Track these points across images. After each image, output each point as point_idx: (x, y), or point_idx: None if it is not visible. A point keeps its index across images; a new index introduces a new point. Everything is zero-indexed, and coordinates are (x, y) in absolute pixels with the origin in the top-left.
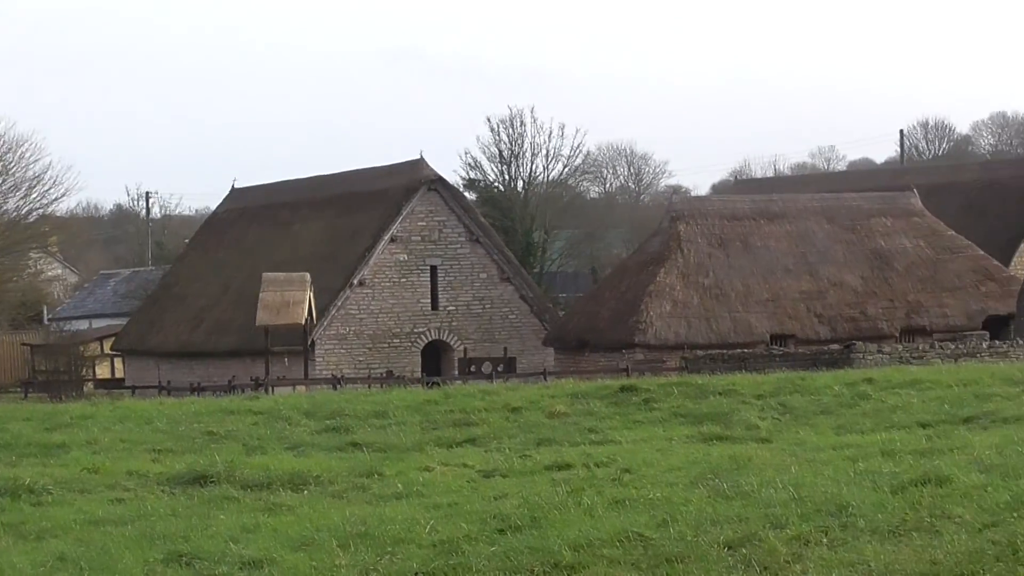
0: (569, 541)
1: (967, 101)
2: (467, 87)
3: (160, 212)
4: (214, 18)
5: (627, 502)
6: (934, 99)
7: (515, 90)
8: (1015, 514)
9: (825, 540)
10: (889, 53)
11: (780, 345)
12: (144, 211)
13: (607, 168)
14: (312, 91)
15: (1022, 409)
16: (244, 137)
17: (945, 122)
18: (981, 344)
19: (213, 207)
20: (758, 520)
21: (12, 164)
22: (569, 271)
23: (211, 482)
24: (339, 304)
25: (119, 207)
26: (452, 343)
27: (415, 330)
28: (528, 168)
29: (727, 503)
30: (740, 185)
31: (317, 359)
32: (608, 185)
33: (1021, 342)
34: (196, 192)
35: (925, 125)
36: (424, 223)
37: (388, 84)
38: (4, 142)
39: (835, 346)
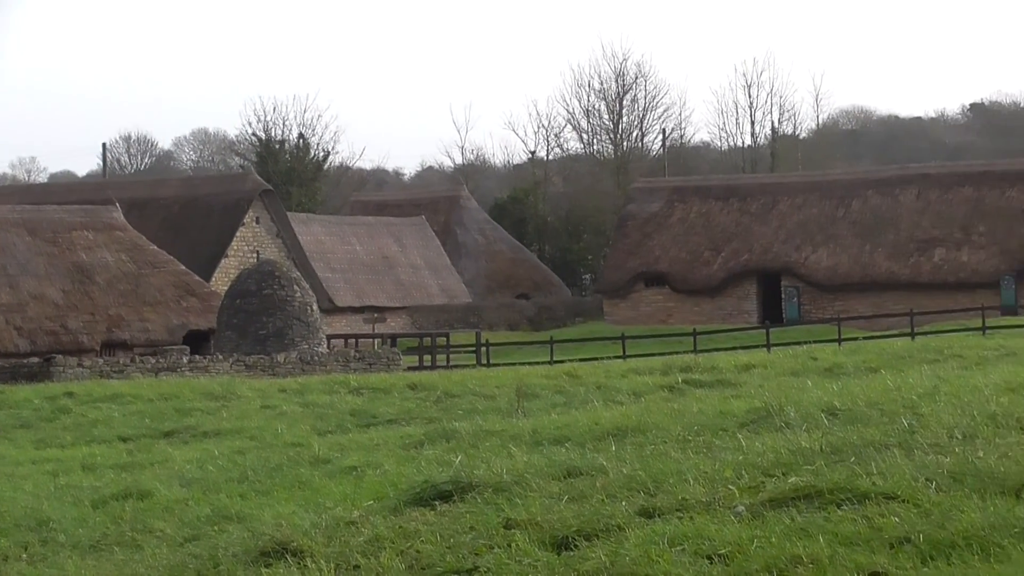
0: None
1: (170, 115)
2: None
3: None
4: None
5: None
6: (136, 112)
7: None
8: (216, 527)
9: (25, 555)
10: (100, 65)
11: None
12: None
13: None
14: None
15: (222, 423)
16: None
17: (148, 137)
18: (182, 358)
19: None
20: None
21: None
22: None
23: None
24: None
25: None
26: None
27: None
28: None
29: None
30: None
31: None
32: None
33: (221, 357)
34: None
35: (128, 139)
36: None
37: None
38: None
39: (35, 359)
